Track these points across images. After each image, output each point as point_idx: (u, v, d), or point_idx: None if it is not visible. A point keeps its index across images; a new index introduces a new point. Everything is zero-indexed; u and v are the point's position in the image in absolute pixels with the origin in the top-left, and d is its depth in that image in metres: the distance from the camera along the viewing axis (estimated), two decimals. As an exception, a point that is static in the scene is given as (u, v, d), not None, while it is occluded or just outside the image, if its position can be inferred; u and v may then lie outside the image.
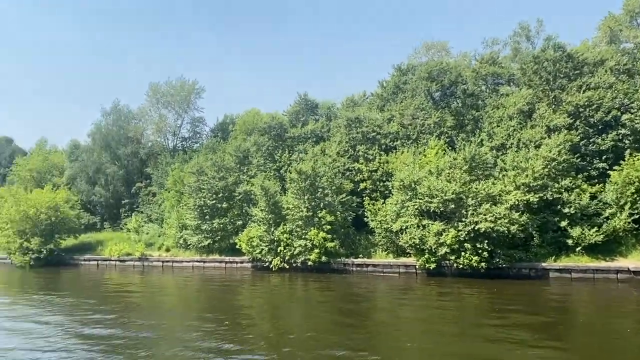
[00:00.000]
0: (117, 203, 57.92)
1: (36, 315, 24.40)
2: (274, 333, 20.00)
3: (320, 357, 16.20)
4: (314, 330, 20.04)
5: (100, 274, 43.10)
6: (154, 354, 17.14)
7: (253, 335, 19.43)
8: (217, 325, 21.15)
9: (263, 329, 20.92)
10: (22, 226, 46.88)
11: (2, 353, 17.64)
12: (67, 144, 66.65)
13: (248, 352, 17.07)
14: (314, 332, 19.76)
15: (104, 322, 22.23)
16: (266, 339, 18.81)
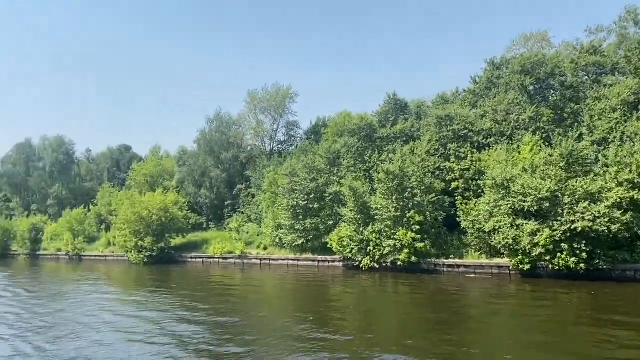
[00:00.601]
0: (220, 204, 61.62)
1: (146, 307, 27.02)
2: (364, 327, 20.65)
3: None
4: (402, 329, 20.21)
5: (205, 270, 46.33)
6: (258, 339, 18.79)
7: (345, 329, 20.07)
8: (311, 318, 22.42)
9: (354, 324, 21.55)
10: (137, 226, 51.55)
11: (128, 334, 20.19)
12: (176, 150, 72.31)
13: (342, 343, 17.78)
14: (402, 331, 19.93)
15: (210, 313, 24.32)
16: (357, 332, 19.55)
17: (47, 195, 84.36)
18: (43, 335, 20.34)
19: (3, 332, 21.19)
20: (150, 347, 18.09)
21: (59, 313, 25.63)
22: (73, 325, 22.43)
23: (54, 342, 19.26)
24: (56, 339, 19.82)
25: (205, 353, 17.28)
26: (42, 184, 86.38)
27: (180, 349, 17.87)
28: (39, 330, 21.34)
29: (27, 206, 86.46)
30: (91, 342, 19.05)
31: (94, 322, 23.06)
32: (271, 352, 16.95)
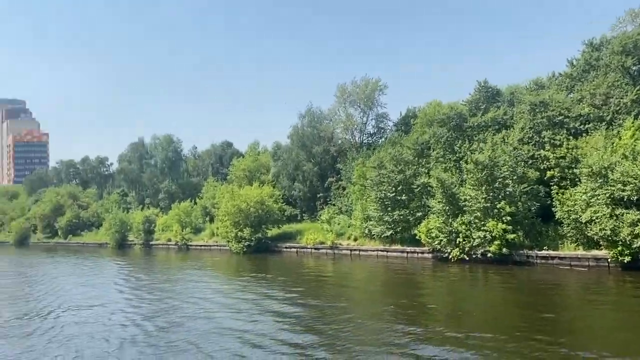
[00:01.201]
0: (313, 197, 63.56)
1: (248, 290, 29.20)
2: (455, 320, 20.49)
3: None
4: (497, 326, 19.27)
5: (299, 259, 48.45)
6: (351, 322, 19.85)
7: (435, 322, 19.96)
8: (399, 306, 23.13)
9: (444, 316, 21.41)
10: (237, 218, 54.85)
11: (231, 314, 22.11)
12: (272, 145, 75.47)
13: (432, 337, 17.53)
14: (497, 327, 18.92)
15: (304, 299, 25.87)
16: (448, 323, 19.56)
17: (158, 190, 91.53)
18: (160, 314, 22.93)
19: (127, 313, 23.82)
20: (253, 325, 20.14)
21: (174, 295, 28.65)
22: (186, 304, 25.22)
23: (171, 320, 21.65)
24: (172, 317, 22.31)
25: (303, 331, 18.82)
26: (154, 180, 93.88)
27: (276, 327, 19.54)
28: (158, 310, 24.10)
29: (141, 200, 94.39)
30: (202, 319, 21.46)
31: (203, 302, 25.71)
32: (362, 342, 17.36)
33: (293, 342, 17.38)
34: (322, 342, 17.21)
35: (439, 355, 15.29)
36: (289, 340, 17.58)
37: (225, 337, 18.30)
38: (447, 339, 17.03)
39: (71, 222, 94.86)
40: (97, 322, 21.17)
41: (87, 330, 19.74)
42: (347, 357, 15.51)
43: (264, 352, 16.14)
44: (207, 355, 15.82)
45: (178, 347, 16.78)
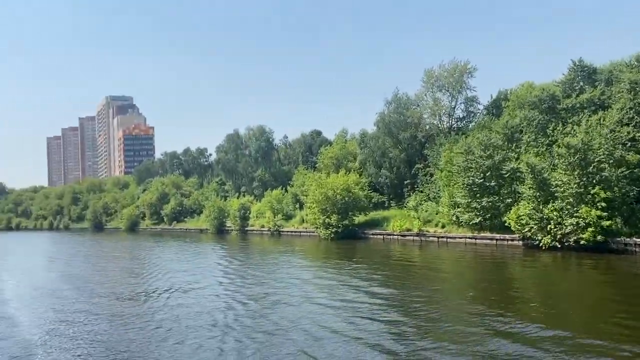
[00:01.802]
0: (400, 183, 63.66)
1: (335, 276, 30.35)
2: (545, 308, 19.54)
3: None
4: (596, 320, 17.99)
5: (385, 246, 49.06)
6: (439, 309, 20.06)
7: (527, 313, 18.70)
8: (488, 295, 22.98)
9: (536, 307, 20.05)
10: (324, 205, 56.45)
11: (315, 299, 23.17)
12: (358, 132, 76.28)
13: (522, 331, 16.33)
14: (596, 322, 17.63)
15: (391, 283, 26.76)
16: (538, 315, 18.37)
17: (252, 178, 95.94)
18: (260, 296, 24.66)
19: (229, 292, 25.72)
20: (342, 302, 21.57)
21: (270, 277, 30.65)
22: (279, 285, 27.17)
23: (264, 297, 23.35)
24: (266, 295, 24.12)
25: (394, 313, 19.56)
26: (249, 169, 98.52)
27: (368, 308, 20.50)
28: (256, 291, 25.88)
29: (237, 188, 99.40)
30: (294, 297, 23.07)
31: (296, 283, 27.52)
32: (451, 327, 17.26)
33: (384, 322, 18.07)
34: (412, 324, 17.74)
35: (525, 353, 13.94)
36: (380, 320, 18.35)
37: (324, 315, 19.47)
38: (537, 335, 15.74)
39: (175, 209, 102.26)
40: (202, 303, 23.13)
41: (195, 309, 21.75)
42: (435, 339, 15.83)
43: (357, 330, 16.97)
44: (304, 332, 17.06)
45: (279, 325, 18.02)
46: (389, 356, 14.28)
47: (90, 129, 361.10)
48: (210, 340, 16.63)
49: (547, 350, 13.97)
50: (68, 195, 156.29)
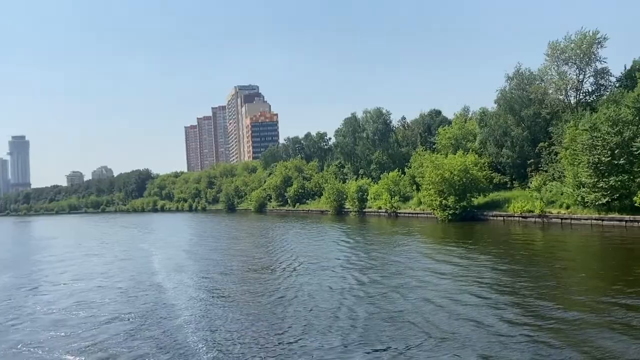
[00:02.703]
0: (523, 163, 60.97)
1: (454, 255, 30.85)
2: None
3: None
4: None
5: (505, 228, 47.89)
6: (565, 298, 19.02)
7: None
8: (617, 279, 21.85)
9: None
10: (441, 187, 56.10)
11: (440, 275, 24.05)
12: (477, 111, 73.86)
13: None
14: None
15: (511, 265, 26.33)
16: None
17: (370, 161, 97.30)
18: (374, 271, 26.35)
19: (351, 271, 27.26)
20: (455, 284, 22.10)
21: (387, 255, 32.01)
22: (397, 264, 28.39)
23: (382, 276, 24.94)
24: (385, 273, 25.65)
25: (517, 297, 19.17)
26: (366, 151, 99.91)
27: (481, 288, 20.80)
28: (372, 267, 27.62)
29: (356, 171, 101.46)
30: (411, 278, 24.06)
31: (413, 263, 28.47)
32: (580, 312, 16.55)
33: (509, 305, 17.91)
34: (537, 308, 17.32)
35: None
36: (504, 303, 18.25)
37: (448, 293, 20.25)
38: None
39: (297, 192, 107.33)
40: (326, 277, 25.14)
41: (323, 283, 23.84)
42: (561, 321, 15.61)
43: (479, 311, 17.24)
44: (425, 300, 18.24)
45: (401, 303, 19.09)
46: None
47: (222, 117, 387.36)
48: (341, 307, 18.56)
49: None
50: (204, 180, 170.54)
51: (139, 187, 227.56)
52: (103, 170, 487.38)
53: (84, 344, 15.90)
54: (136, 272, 31.54)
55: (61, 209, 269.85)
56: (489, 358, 12.74)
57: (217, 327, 17.23)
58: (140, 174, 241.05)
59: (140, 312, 19.81)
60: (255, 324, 17.21)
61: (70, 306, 22.08)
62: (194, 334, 16.49)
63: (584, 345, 13.32)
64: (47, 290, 26.73)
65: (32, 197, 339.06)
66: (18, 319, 20.07)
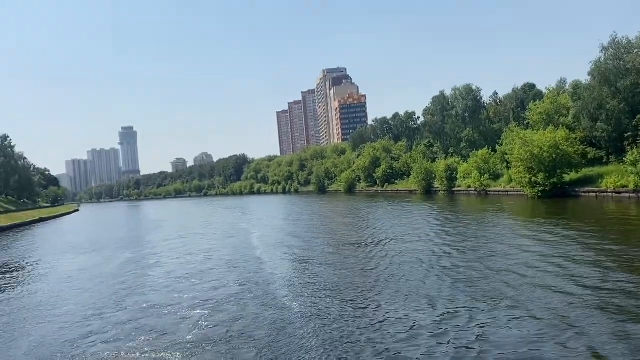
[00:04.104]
0: (620, 137, 58.36)
1: (543, 232, 30.85)
2: None
3: None
4: None
5: (598, 204, 46.86)
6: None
7: None
8: None
9: None
10: (530, 164, 55.50)
11: (525, 252, 24.80)
12: (570, 84, 71.03)
13: None
14: None
15: (601, 242, 25.62)
16: None
17: (460, 139, 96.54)
18: (460, 246, 28.10)
19: (440, 246, 28.62)
20: (539, 257, 22.69)
21: (476, 233, 33.02)
22: (484, 239, 29.53)
23: (469, 249, 26.64)
24: (471, 247, 27.13)
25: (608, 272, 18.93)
26: (456, 129, 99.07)
27: (579, 267, 20.47)
28: (459, 242, 29.25)
29: (445, 149, 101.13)
30: (496, 251, 25.12)
31: (500, 238, 29.32)
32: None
33: (590, 277, 18.24)
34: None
35: None
36: (586, 276, 18.50)
37: (536, 269, 20.47)
38: None
39: (386, 172, 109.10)
40: (415, 253, 27.17)
41: (413, 256, 26.04)
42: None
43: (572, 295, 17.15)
44: (514, 277, 20.03)
45: (488, 280, 19.73)
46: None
47: (311, 101, 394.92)
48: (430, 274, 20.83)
49: None
50: (296, 163, 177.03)
51: (237, 171, 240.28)
52: (204, 156, 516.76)
53: (199, 303, 19.39)
54: (238, 247, 35.55)
55: (168, 193, 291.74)
56: (564, 320, 14.04)
57: (308, 290, 20.10)
58: (237, 159, 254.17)
59: (243, 279, 23.23)
60: (346, 289, 19.83)
61: (184, 275, 26.12)
62: (289, 294, 19.48)
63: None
64: (163, 263, 31.25)
65: (142, 183, 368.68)
66: (142, 287, 24.27)
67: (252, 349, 13.79)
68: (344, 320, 15.63)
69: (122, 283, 25.52)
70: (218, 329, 15.78)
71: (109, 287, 24.70)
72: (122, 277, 27.22)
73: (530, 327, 13.53)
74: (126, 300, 21.36)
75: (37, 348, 15.54)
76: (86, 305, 20.86)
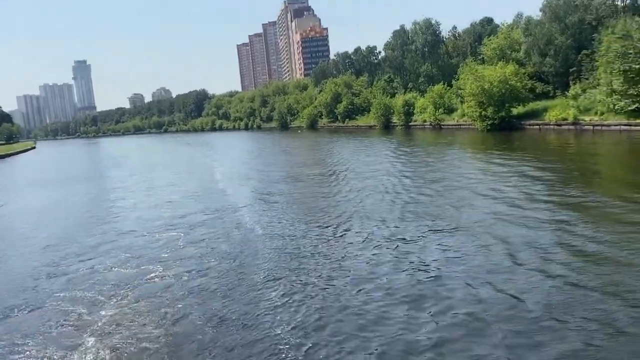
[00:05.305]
0: (566, 72, 61.42)
1: (490, 161, 34.08)
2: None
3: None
4: None
5: (542, 136, 50.38)
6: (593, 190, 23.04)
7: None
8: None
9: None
10: (481, 98, 58.19)
11: (478, 180, 27.14)
12: (523, 20, 73.00)
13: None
14: None
15: (542, 169, 28.70)
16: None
17: (419, 74, 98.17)
18: (414, 174, 30.72)
19: (398, 176, 30.98)
20: (484, 185, 25.39)
21: (429, 164, 35.83)
22: (439, 172, 31.52)
23: (421, 177, 29.31)
24: (423, 175, 29.87)
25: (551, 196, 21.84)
26: (415, 64, 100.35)
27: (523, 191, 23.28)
28: (411, 172, 31.88)
29: (405, 84, 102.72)
30: (456, 182, 26.95)
31: (457, 170, 31.86)
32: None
33: (543, 203, 20.31)
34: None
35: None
36: (538, 201, 20.66)
37: (482, 191, 23.41)
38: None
39: (347, 108, 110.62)
40: (376, 182, 29.34)
41: (370, 184, 28.47)
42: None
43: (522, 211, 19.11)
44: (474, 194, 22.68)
45: (446, 200, 23.28)
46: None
47: (272, 34, 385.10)
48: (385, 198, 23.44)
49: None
50: (258, 99, 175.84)
51: (198, 107, 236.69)
52: (162, 91, 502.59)
53: (169, 228, 21.47)
54: (203, 181, 37.45)
55: (127, 130, 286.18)
56: (487, 230, 16.86)
57: (271, 215, 22.45)
58: (197, 94, 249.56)
59: (210, 208, 25.35)
60: (307, 213, 22.25)
61: (153, 205, 28.14)
62: (254, 219, 21.81)
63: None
64: (130, 196, 33.06)
65: (99, 120, 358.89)
66: (113, 216, 26.13)
67: (223, 261, 16.12)
68: (306, 238, 18.09)
69: (92, 213, 27.38)
70: (191, 248, 18.02)
71: (79, 217, 26.55)
72: (91, 208, 29.05)
73: (465, 239, 16.21)
74: (98, 227, 23.32)
75: (16, 270, 17.45)
76: (60, 233, 22.70)
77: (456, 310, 10.90)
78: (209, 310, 12.04)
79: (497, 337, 9.61)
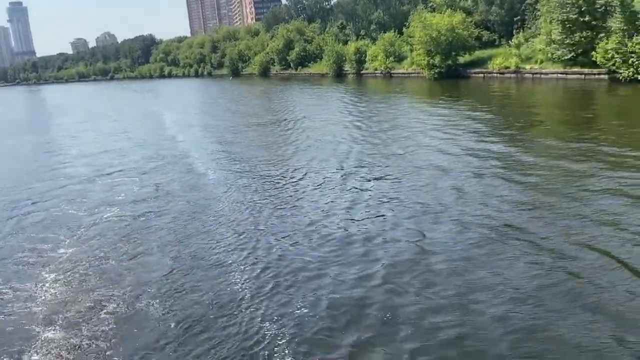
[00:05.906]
0: (511, 21, 63.17)
1: (438, 108, 35.48)
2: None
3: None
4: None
5: (486, 84, 52.37)
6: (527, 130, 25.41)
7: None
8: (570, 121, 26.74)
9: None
10: (429, 46, 59.35)
11: (425, 126, 29.10)
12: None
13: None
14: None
15: (485, 113, 30.92)
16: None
17: (370, 21, 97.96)
18: (366, 122, 31.81)
19: (350, 124, 32.56)
20: (441, 134, 27.14)
21: (380, 110, 36.88)
22: (389, 119, 32.66)
23: (373, 124, 30.45)
24: (374, 123, 31.04)
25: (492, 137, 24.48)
26: (367, 11, 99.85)
27: (466, 137, 25.59)
28: (363, 119, 32.96)
29: (357, 31, 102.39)
30: (405, 129, 28.49)
31: (406, 117, 33.13)
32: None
33: (486, 147, 21.58)
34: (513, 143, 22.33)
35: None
36: (478, 146, 21.83)
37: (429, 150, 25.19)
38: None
39: (299, 55, 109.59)
40: (327, 128, 30.28)
41: (324, 130, 29.37)
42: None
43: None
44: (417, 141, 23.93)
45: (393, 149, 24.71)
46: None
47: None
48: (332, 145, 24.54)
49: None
50: (208, 45, 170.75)
51: (145, 53, 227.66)
52: (106, 36, 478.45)
53: (123, 173, 22.00)
54: (153, 128, 37.49)
55: (70, 77, 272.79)
56: (440, 169, 18.35)
57: (225, 161, 23.24)
58: (144, 39, 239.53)
59: (161, 155, 25.86)
60: (262, 160, 23.04)
61: (103, 151, 28.32)
62: (206, 165, 22.58)
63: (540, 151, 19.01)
64: (79, 143, 32.96)
65: (39, 66, 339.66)
66: (63, 163, 26.25)
67: (177, 203, 16.97)
68: (262, 182, 18.98)
69: (41, 161, 27.41)
70: (147, 190, 18.73)
71: (28, 165, 26.55)
72: (40, 158, 28.90)
73: (417, 178, 17.54)
74: (48, 173, 23.59)
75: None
76: (7, 181, 22.74)
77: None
78: (167, 246, 13.00)
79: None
